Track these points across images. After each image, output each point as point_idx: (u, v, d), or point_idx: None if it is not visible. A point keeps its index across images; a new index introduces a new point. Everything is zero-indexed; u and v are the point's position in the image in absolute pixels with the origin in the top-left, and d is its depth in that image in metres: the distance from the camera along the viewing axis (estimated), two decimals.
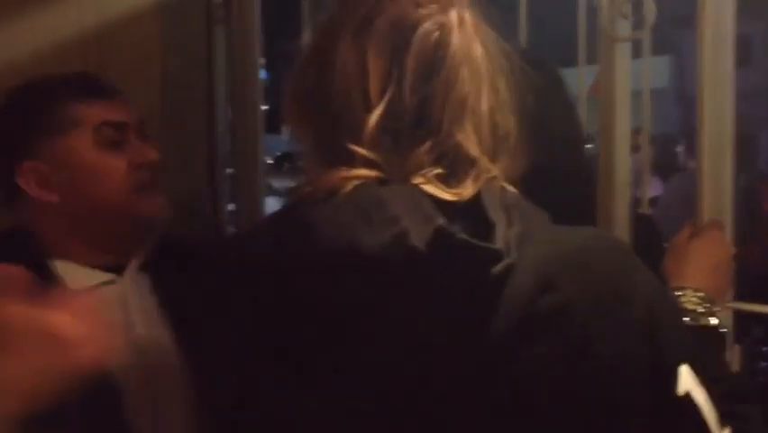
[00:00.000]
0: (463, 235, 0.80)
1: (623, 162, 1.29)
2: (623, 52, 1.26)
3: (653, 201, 5.28)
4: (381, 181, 0.85)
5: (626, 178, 1.30)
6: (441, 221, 0.81)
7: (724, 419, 0.88)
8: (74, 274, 1.25)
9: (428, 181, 0.85)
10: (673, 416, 0.87)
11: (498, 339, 0.81)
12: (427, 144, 0.86)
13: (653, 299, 0.88)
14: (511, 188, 0.89)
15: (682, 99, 9.75)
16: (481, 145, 0.88)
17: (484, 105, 0.88)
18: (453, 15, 0.89)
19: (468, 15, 0.90)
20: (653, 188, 5.43)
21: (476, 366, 0.81)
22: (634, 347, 0.85)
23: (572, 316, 0.83)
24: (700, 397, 0.87)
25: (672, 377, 0.87)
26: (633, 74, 1.27)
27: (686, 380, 0.87)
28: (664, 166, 5.09)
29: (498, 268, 0.80)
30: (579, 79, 1.48)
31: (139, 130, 1.34)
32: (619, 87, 1.26)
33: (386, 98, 0.86)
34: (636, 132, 4.91)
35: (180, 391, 1.10)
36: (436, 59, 0.87)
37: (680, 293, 1.12)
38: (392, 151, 0.86)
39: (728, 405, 0.91)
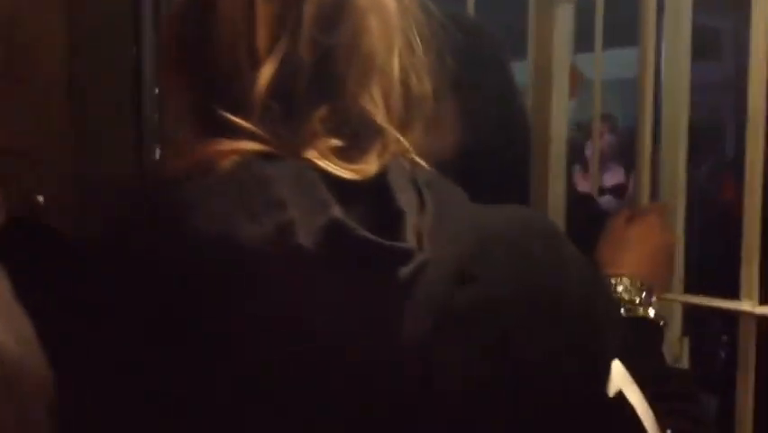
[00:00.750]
0: (363, 232, 0.66)
1: (558, 138, 1.17)
2: (563, 16, 1.14)
3: (616, 189, 5.24)
4: (268, 156, 0.70)
5: (560, 155, 1.18)
6: (335, 211, 0.67)
7: (663, 420, 0.78)
8: None
9: (323, 156, 0.71)
10: (605, 417, 0.76)
11: (409, 343, 0.68)
12: (324, 109, 0.72)
13: (584, 289, 0.76)
14: (423, 164, 0.76)
15: None
16: (390, 112, 0.74)
17: (395, 65, 0.75)
18: None
19: None
20: (615, 176, 5.39)
21: (382, 374, 0.68)
22: (562, 345, 0.74)
23: (494, 311, 0.71)
24: (634, 397, 0.76)
25: (603, 376, 0.76)
26: (617, 62, 1.16)
27: (618, 379, 0.77)
28: (630, 155, 5.02)
29: (407, 270, 0.67)
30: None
31: None
32: (557, 56, 1.14)
33: (277, 52, 0.71)
34: (605, 119, 4.82)
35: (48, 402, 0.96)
36: (338, 4, 0.72)
37: (614, 282, 1.01)
38: (282, 118, 0.71)
39: (668, 404, 0.82)
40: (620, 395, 0.76)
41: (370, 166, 0.71)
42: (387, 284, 0.67)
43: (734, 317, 1.05)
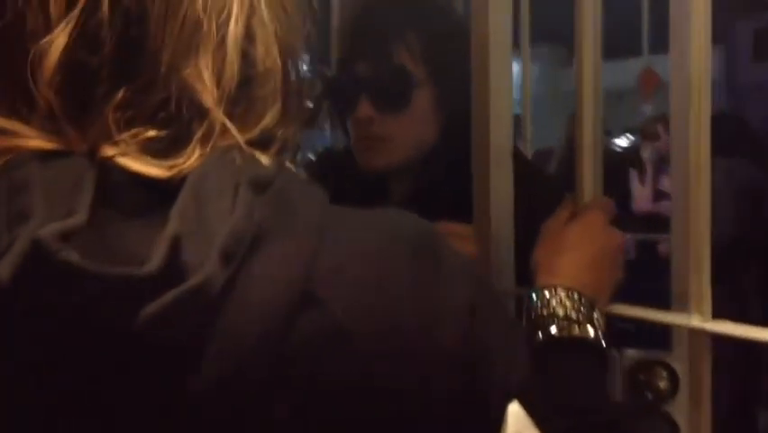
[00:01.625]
0: (68, 254, 0.50)
1: (501, 125, 1.02)
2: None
3: None
4: (53, 154, 0.56)
5: (504, 140, 1.03)
6: (42, 234, 0.51)
7: None
8: None
9: (125, 152, 0.56)
10: None
11: (202, 395, 0.54)
12: (123, 93, 0.57)
13: (468, 313, 0.61)
14: (264, 158, 0.61)
15: (732, 89, 9.39)
16: (220, 90, 0.59)
17: (233, 32, 0.60)
18: None
19: None
20: None
21: None
22: (438, 383, 0.59)
23: (345, 343, 0.56)
24: None
25: (496, 420, 0.62)
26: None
27: (516, 422, 0.63)
28: None
29: (151, 308, 0.51)
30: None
31: None
32: (495, 29, 1.00)
33: (73, 16, 0.57)
34: (658, 119, 4.57)
35: None
36: None
37: (547, 294, 0.86)
38: (79, 104, 0.57)
39: None
40: None
41: (189, 160, 0.57)
42: (115, 331, 0.51)
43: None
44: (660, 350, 0.99)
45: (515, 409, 0.63)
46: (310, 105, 0.74)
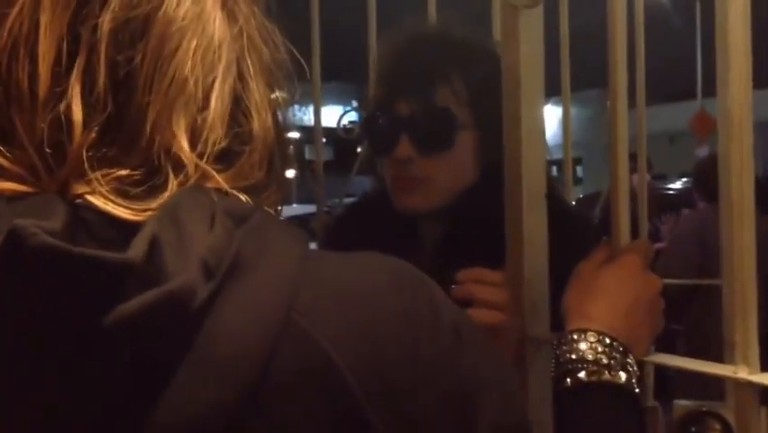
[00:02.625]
0: (45, 238, 0.50)
1: (534, 166, 0.99)
2: (529, 21, 0.97)
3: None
4: (20, 196, 0.57)
5: (538, 185, 1.00)
6: (26, 221, 0.51)
7: None
8: None
9: (95, 191, 0.57)
10: None
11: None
12: (109, 141, 0.58)
13: (452, 357, 0.60)
14: (243, 198, 0.62)
15: None
16: (203, 147, 0.61)
17: (220, 94, 0.62)
18: None
19: None
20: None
21: None
22: (425, 409, 0.58)
23: (329, 371, 0.55)
24: None
25: None
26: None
27: None
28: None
29: (130, 306, 0.50)
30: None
31: None
32: (526, 66, 0.97)
33: (67, 75, 0.58)
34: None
35: None
36: (143, 21, 0.60)
37: (576, 337, 0.83)
38: (53, 151, 0.58)
39: None
40: None
41: (153, 204, 0.57)
42: (90, 329, 0.49)
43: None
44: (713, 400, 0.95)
45: None
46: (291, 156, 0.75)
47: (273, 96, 0.67)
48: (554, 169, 2.53)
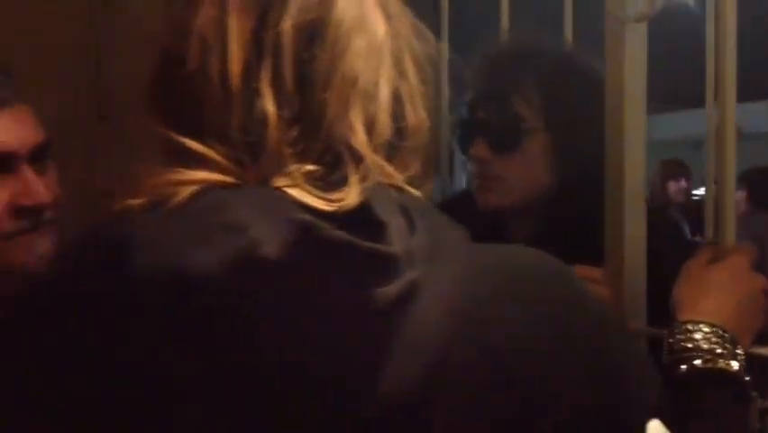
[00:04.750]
0: (335, 231, 0.59)
1: (635, 169, 1.06)
2: (636, 35, 1.04)
3: None
4: (230, 186, 0.64)
5: (638, 188, 1.06)
6: (306, 216, 0.60)
7: None
8: None
9: (295, 183, 0.64)
10: None
11: (392, 397, 0.60)
12: (299, 134, 0.65)
13: (600, 338, 0.68)
14: (417, 193, 0.69)
15: None
16: (375, 139, 0.67)
17: (385, 90, 0.68)
18: None
19: None
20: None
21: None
22: (583, 402, 0.65)
23: (500, 362, 0.62)
24: None
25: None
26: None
27: None
28: None
29: (395, 286, 0.59)
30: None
31: (36, 156, 1.05)
32: (629, 77, 1.04)
33: (257, 73, 0.65)
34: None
35: None
36: (318, 24, 0.67)
37: (691, 327, 0.89)
38: (250, 143, 0.65)
39: None
40: None
41: (349, 196, 0.64)
42: (369, 302, 0.59)
43: None
44: None
45: (655, 426, 0.68)
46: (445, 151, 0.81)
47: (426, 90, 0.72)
48: None
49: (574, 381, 0.65)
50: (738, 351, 0.89)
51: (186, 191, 0.63)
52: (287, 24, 0.66)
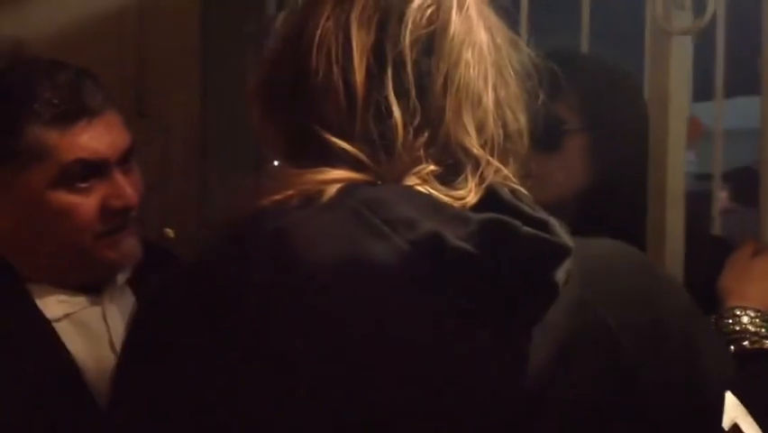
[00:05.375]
0: (527, 228, 0.67)
1: (676, 171, 1.15)
2: (680, 46, 1.13)
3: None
4: (369, 183, 0.71)
5: (679, 189, 1.15)
6: (481, 215, 0.67)
7: None
8: (48, 300, 1.10)
9: (424, 182, 0.71)
10: None
11: (543, 356, 0.69)
12: (423, 137, 0.72)
13: (687, 320, 0.77)
14: (524, 190, 0.77)
15: None
16: (487, 143, 0.75)
17: (491, 97, 0.76)
18: None
19: None
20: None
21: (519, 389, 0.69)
22: (673, 375, 0.74)
23: (612, 339, 0.71)
24: (750, 428, 0.77)
25: (717, 406, 0.76)
26: None
27: (732, 409, 0.77)
28: None
29: (560, 273, 0.67)
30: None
31: (123, 161, 1.11)
32: (674, 86, 1.13)
33: (382, 81, 0.72)
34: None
35: None
36: (432, 37, 0.74)
37: (739, 312, 1.00)
38: (381, 146, 0.72)
39: None
40: (736, 427, 0.76)
41: (469, 194, 0.72)
42: (543, 290, 0.67)
43: None
44: None
45: (730, 398, 0.76)
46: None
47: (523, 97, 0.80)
48: None
49: (663, 351, 0.73)
50: None
51: (332, 189, 0.69)
52: (406, 37, 0.73)
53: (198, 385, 0.67)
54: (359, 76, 0.72)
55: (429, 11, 0.74)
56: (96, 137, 1.07)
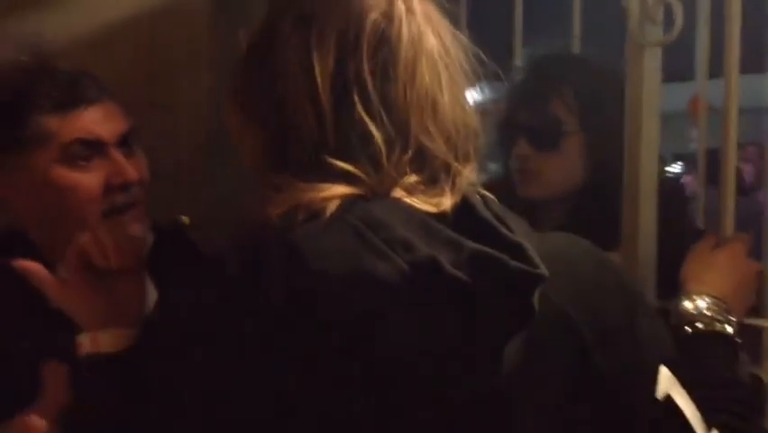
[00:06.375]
0: (514, 262, 0.75)
1: (648, 174, 1.26)
2: (652, 57, 1.23)
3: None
4: (361, 197, 0.78)
5: (651, 190, 1.26)
6: (473, 244, 0.75)
7: (711, 422, 0.87)
8: None
9: (409, 193, 0.78)
10: (655, 419, 0.86)
11: (517, 348, 0.79)
12: (399, 150, 0.79)
13: (632, 307, 0.88)
14: (491, 196, 0.84)
15: None
16: (450, 147, 0.81)
17: (447, 100, 0.81)
18: (400, 4, 0.82)
19: (416, 3, 0.83)
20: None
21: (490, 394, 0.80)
22: (620, 355, 0.85)
23: (572, 327, 0.83)
24: (681, 399, 0.86)
25: (652, 380, 0.87)
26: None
27: (665, 383, 0.87)
28: None
29: (535, 298, 0.77)
30: None
31: (123, 142, 1.19)
32: (647, 92, 1.24)
33: (349, 101, 0.78)
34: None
35: None
36: (388, 54, 0.80)
37: (695, 296, 1.10)
38: (366, 162, 0.78)
39: (723, 410, 0.91)
40: (669, 398, 0.86)
41: (444, 200, 0.79)
42: (524, 312, 0.76)
43: None
44: None
45: (665, 372, 0.87)
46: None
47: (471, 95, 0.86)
48: None
49: (615, 335, 0.85)
50: (733, 319, 1.09)
51: (333, 204, 0.76)
52: (364, 63, 0.79)
53: (212, 382, 0.77)
54: (324, 98, 0.79)
55: (381, 26, 0.80)
56: (94, 120, 1.17)
